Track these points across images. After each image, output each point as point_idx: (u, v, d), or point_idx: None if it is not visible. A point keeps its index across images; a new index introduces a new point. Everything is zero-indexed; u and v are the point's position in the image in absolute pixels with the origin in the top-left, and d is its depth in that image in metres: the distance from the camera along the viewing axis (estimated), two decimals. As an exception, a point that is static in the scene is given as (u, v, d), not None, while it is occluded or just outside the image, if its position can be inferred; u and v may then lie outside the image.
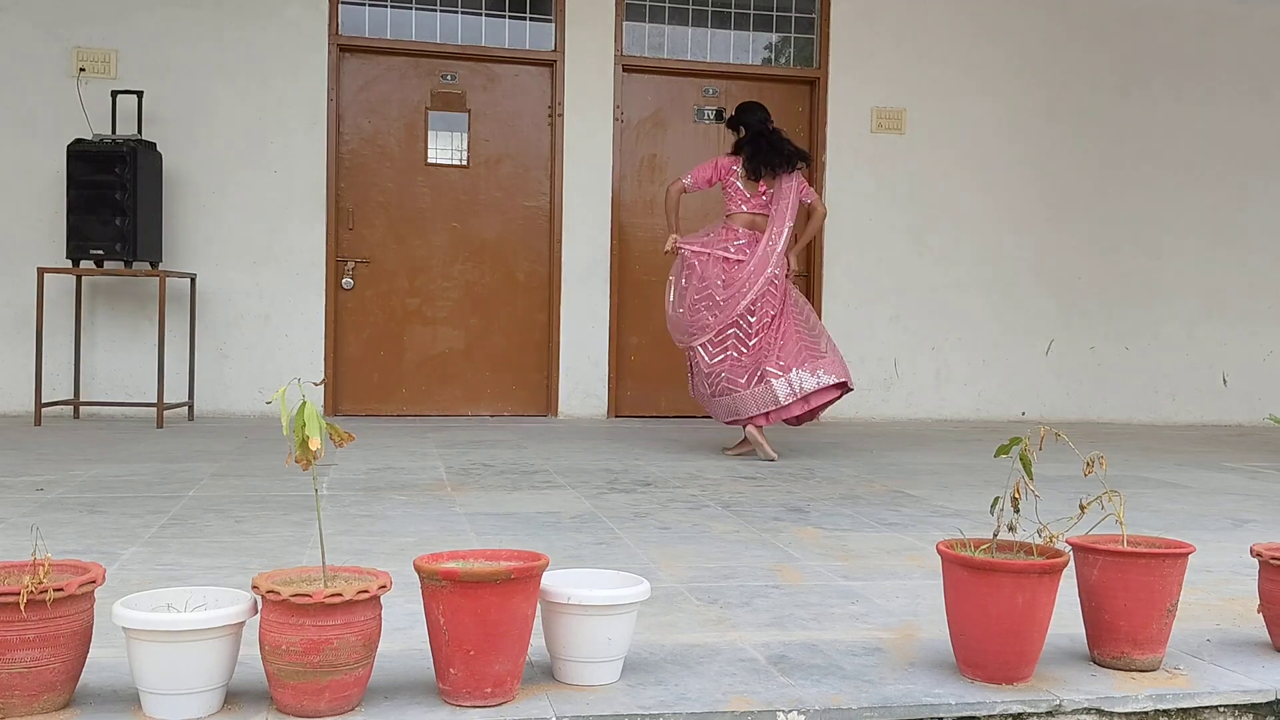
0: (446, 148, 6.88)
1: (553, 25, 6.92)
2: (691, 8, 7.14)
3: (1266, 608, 2.19)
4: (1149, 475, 4.91)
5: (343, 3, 6.67)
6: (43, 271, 5.84)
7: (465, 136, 6.89)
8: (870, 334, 7.31)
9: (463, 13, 6.85)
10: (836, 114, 7.22)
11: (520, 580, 1.78)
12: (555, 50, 6.91)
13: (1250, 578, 2.66)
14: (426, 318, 6.89)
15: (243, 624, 1.75)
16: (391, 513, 3.52)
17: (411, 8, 6.80)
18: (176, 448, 5.06)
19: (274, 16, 6.53)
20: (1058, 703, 1.89)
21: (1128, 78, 7.61)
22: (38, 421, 5.87)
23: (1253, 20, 7.76)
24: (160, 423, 5.87)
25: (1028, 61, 7.48)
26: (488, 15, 6.89)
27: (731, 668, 2.01)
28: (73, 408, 6.25)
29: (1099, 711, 1.90)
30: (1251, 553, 2.19)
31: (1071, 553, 2.04)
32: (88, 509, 3.48)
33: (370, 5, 6.73)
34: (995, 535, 2.03)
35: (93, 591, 1.77)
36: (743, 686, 1.91)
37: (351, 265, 6.74)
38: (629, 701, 1.82)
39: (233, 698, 1.78)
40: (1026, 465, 2.01)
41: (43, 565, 1.73)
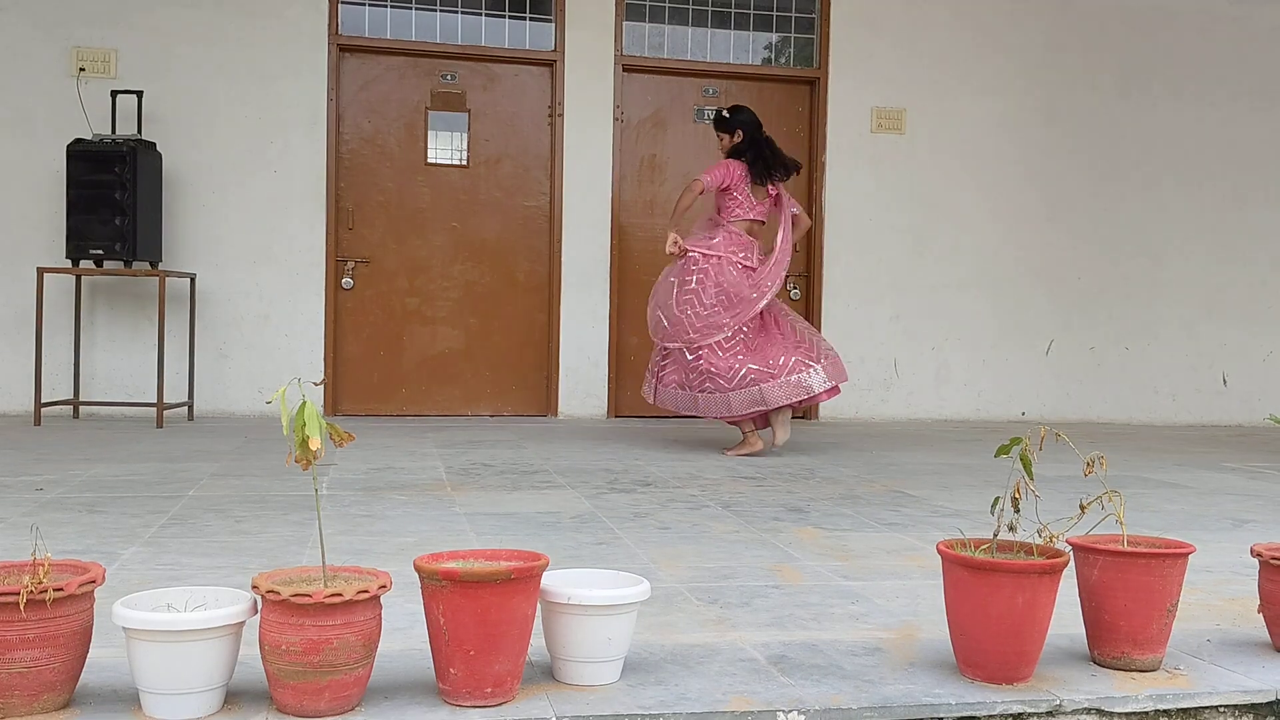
0: (446, 148, 6.88)
1: (553, 25, 6.92)
2: (691, 8, 7.14)
3: (1266, 608, 2.19)
4: (1149, 475, 4.91)
5: (343, 3, 6.67)
6: (42, 271, 5.84)
7: (465, 136, 6.89)
8: (870, 334, 7.32)
9: (463, 13, 6.85)
10: (836, 114, 7.23)
11: (520, 580, 1.78)
12: (555, 50, 6.91)
13: (1250, 578, 2.66)
14: (426, 318, 6.89)
15: (243, 624, 1.75)
16: (391, 513, 3.53)
17: (411, 8, 6.80)
18: (176, 447, 5.06)
19: (274, 16, 6.53)
20: (1058, 703, 1.89)
21: (1127, 78, 7.61)
22: (37, 421, 5.87)
23: (1253, 20, 7.76)
24: (160, 422, 5.87)
25: (1028, 62, 7.48)
26: (488, 15, 6.89)
27: (731, 668, 2.01)
28: (72, 407, 6.25)
29: (1099, 711, 1.90)
30: (1251, 553, 2.19)
31: (1071, 553, 2.04)
32: (88, 509, 3.48)
33: (370, 5, 6.73)
34: (995, 535, 2.03)
35: (93, 591, 1.77)
36: (743, 686, 1.91)
37: (351, 265, 6.74)
38: (629, 701, 1.82)
39: (233, 698, 1.78)
40: (1026, 465, 2.01)
41: (43, 565, 1.73)
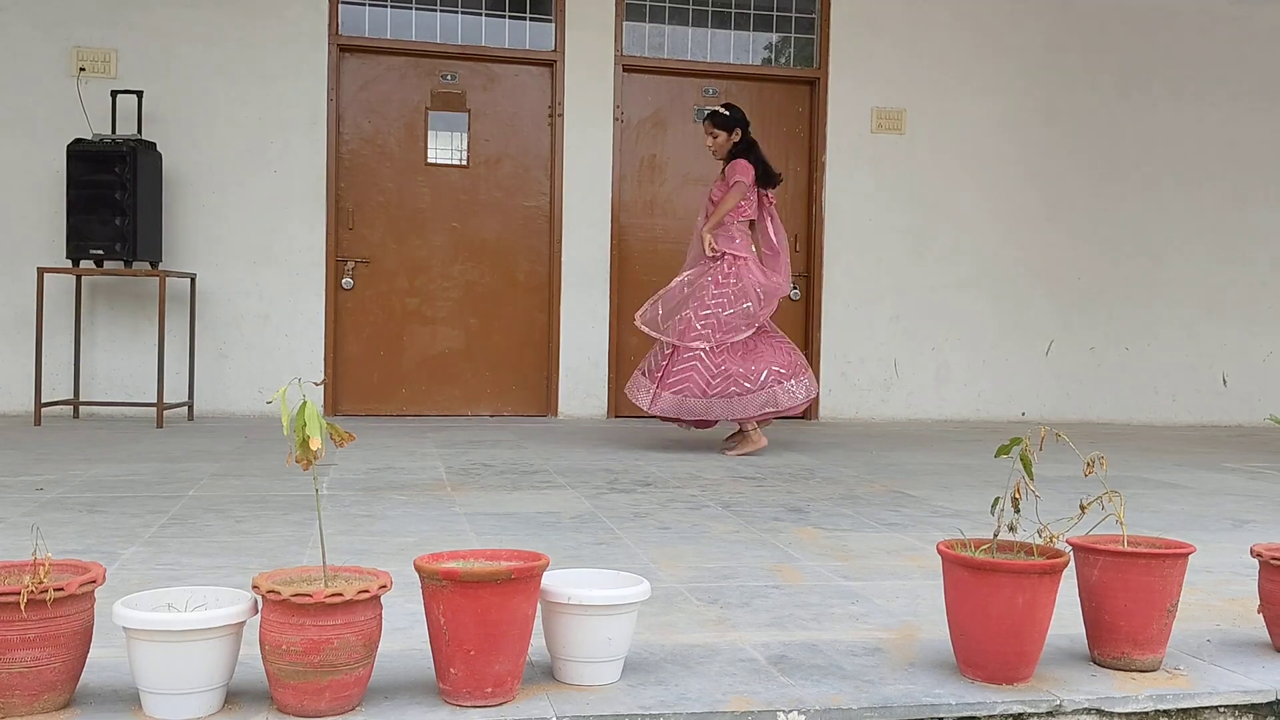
0: (446, 148, 6.88)
1: (553, 25, 6.92)
2: (691, 8, 7.14)
3: (1267, 608, 2.19)
4: (1149, 476, 4.91)
5: (343, 3, 6.67)
6: (43, 271, 5.84)
7: (465, 136, 6.89)
8: (870, 334, 7.32)
9: (463, 13, 6.85)
10: (836, 114, 7.23)
11: (521, 580, 1.78)
12: (555, 50, 6.91)
13: (1250, 578, 2.66)
14: (426, 318, 6.89)
15: (243, 624, 1.75)
16: (391, 513, 3.52)
17: (411, 8, 6.80)
18: (176, 447, 5.06)
19: (274, 16, 6.53)
20: (1058, 703, 1.89)
21: (1127, 78, 7.61)
22: (38, 421, 5.87)
23: (1253, 20, 7.76)
24: (160, 422, 5.87)
25: (1028, 62, 7.48)
26: (488, 15, 6.89)
27: (731, 668, 2.01)
28: (73, 407, 6.25)
29: (1099, 712, 1.90)
30: (1251, 553, 2.19)
31: (1072, 553, 2.04)
32: (88, 509, 3.48)
33: (370, 5, 6.73)
34: (995, 535, 2.03)
35: (93, 591, 1.76)
36: (743, 686, 1.91)
37: (351, 265, 6.74)
38: (629, 701, 1.82)
39: (233, 698, 1.78)
40: (1027, 465, 2.01)
41: (43, 565, 1.73)
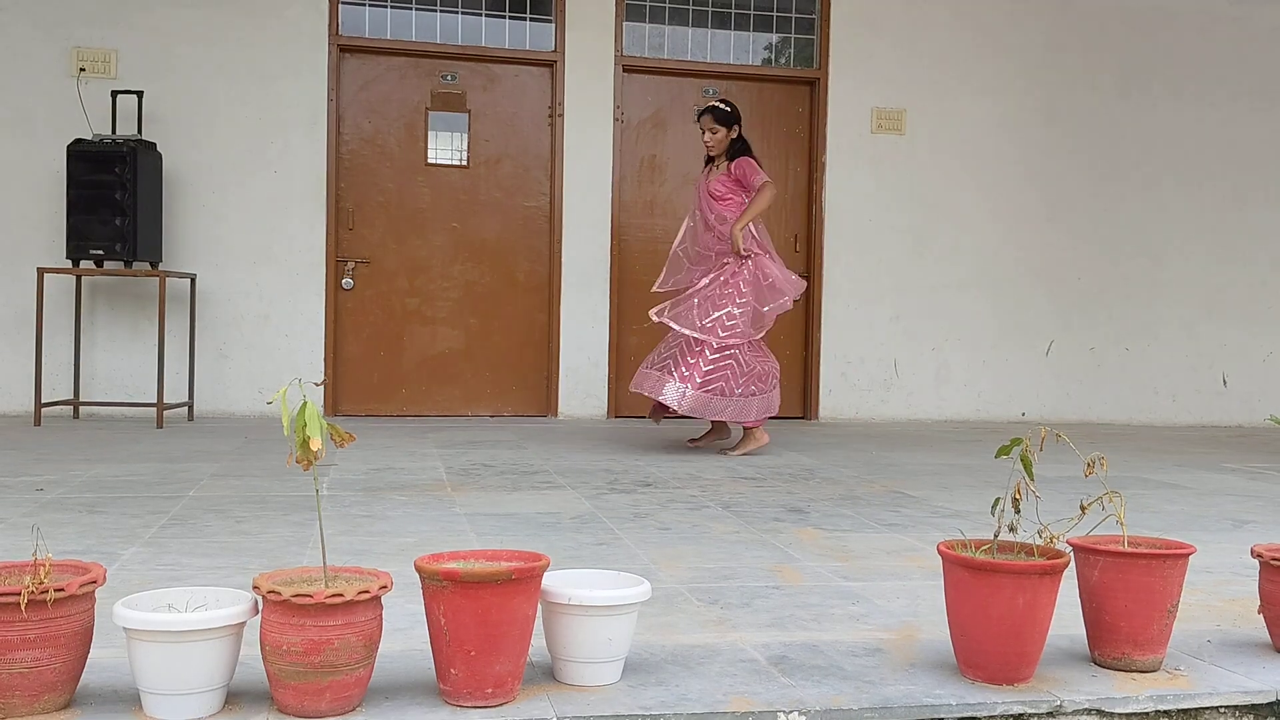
0: (446, 148, 6.88)
1: (553, 25, 6.92)
2: (691, 8, 7.14)
3: (1267, 608, 2.19)
4: (1149, 476, 4.91)
5: (343, 3, 6.67)
6: (43, 271, 5.84)
7: (465, 137, 6.89)
8: (870, 334, 7.32)
9: (463, 13, 6.85)
10: (836, 114, 7.23)
11: (521, 581, 1.78)
12: (555, 50, 6.91)
13: (1250, 579, 2.66)
14: (426, 318, 6.89)
15: (244, 624, 1.75)
16: (391, 513, 3.52)
17: (411, 8, 6.80)
18: (176, 448, 5.05)
19: (274, 16, 6.53)
20: (1058, 703, 1.89)
21: (1127, 78, 7.61)
22: (38, 421, 5.87)
23: (1253, 20, 7.76)
24: (160, 423, 5.87)
25: (1028, 62, 7.48)
26: (488, 15, 6.89)
27: (732, 668, 2.01)
28: (73, 408, 6.25)
29: (1100, 712, 1.90)
30: (1252, 554, 2.19)
31: (1072, 553, 2.04)
32: (88, 509, 3.48)
33: (370, 5, 6.73)
34: (996, 536, 2.03)
35: (93, 592, 1.76)
36: (743, 687, 1.91)
37: (351, 265, 6.74)
38: (630, 702, 1.82)
39: (233, 698, 1.78)
40: (1027, 466, 2.01)
41: (43, 565, 1.73)
